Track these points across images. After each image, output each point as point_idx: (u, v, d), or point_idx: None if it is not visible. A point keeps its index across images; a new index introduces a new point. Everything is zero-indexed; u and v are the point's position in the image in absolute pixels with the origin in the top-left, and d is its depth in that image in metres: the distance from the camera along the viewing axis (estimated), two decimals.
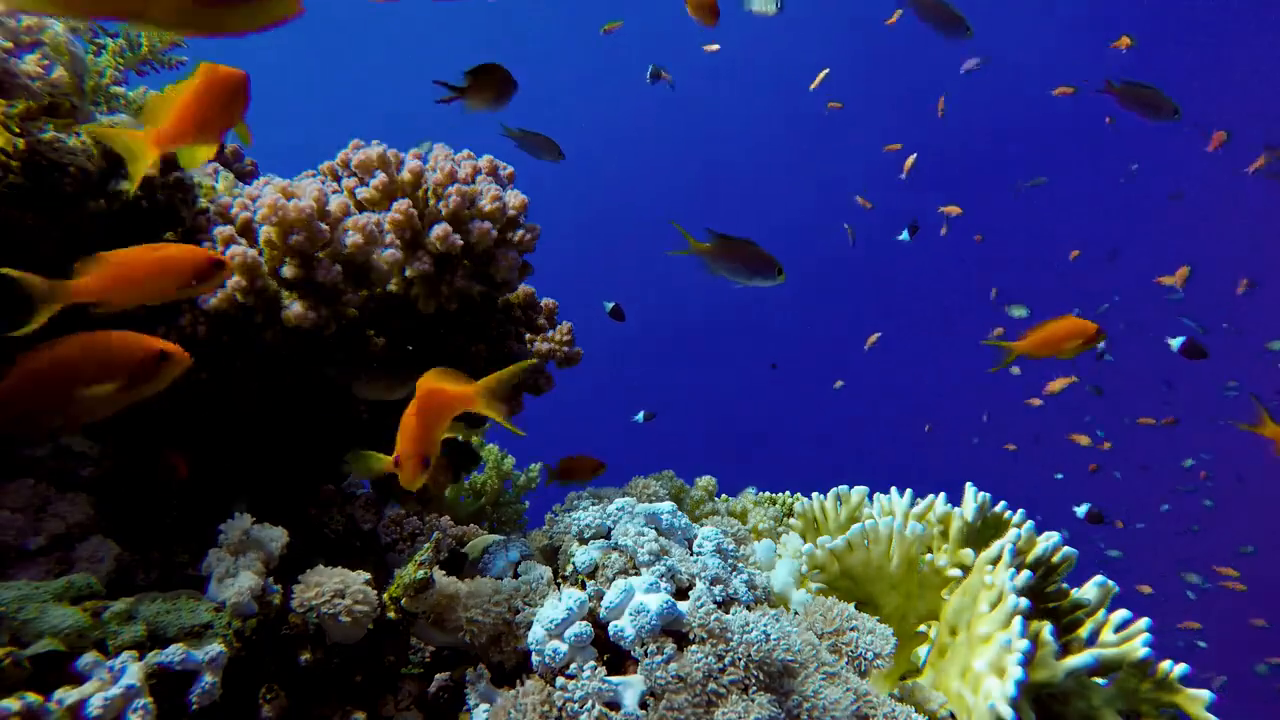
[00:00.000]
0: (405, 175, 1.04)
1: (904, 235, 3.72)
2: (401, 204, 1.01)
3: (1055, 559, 0.95)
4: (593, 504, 1.02)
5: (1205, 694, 0.88)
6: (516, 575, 0.94)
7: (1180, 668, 0.90)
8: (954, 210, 5.09)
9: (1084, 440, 5.21)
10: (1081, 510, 3.10)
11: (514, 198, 1.07)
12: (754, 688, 0.76)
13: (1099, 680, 0.90)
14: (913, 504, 1.05)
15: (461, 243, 1.02)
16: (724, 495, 1.38)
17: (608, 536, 0.96)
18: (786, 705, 0.76)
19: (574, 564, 0.92)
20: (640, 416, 3.88)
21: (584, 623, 0.82)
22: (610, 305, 3.14)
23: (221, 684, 0.73)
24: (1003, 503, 1.03)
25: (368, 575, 0.85)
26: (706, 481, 1.34)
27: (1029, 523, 0.97)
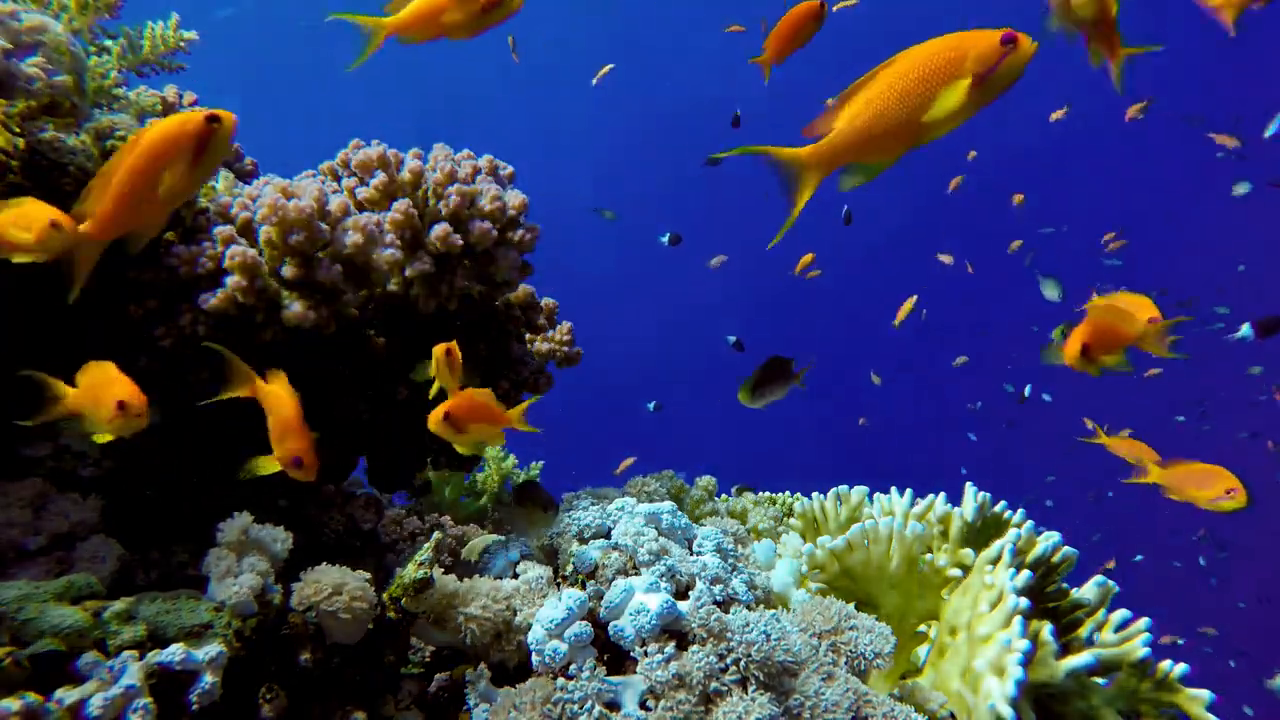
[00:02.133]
0: (405, 175, 1.04)
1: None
2: (401, 204, 1.01)
3: (1055, 559, 0.95)
4: (593, 504, 1.02)
5: (1205, 694, 0.88)
6: (516, 575, 0.94)
7: (1180, 668, 0.90)
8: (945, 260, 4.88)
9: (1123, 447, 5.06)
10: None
11: (514, 197, 1.07)
12: (754, 687, 0.76)
13: (1099, 680, 0.90)
14: (913, 504, 1.05)
15: (461, 242, 1.02)
16: (724, 495, 1.38)
17: (608, 536, 0.96)
18: (786, 705, 0.76)
19: (574, 564, 0.92)
20: (651, 406, 4.39)
21: (584, 623, 0.82)
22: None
23: (221, 684, 0.73)
24: (1003, 502, 1.03)
25: (368, 575, 0.85)
26: (706, 481, 1.34)
27: (1029, 522, 0.97)
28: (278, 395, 0.81)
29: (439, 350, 0.92)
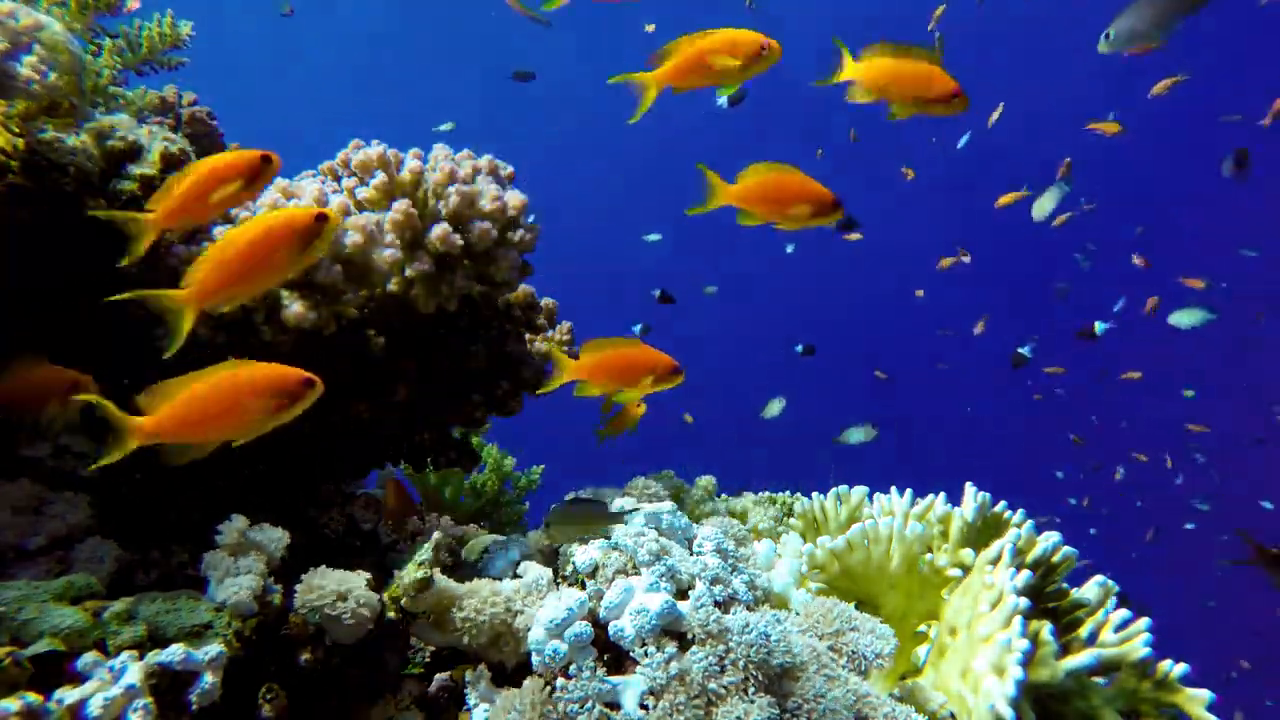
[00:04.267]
0: (405, 175, 1.04)
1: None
2: (401, 204, 1.01)
3: (1055, 559, 0.95)
4: None
5: (1205, 694, 0.88)
6: (517, 575, 0.94)
7: (1180, 667, 0.90)
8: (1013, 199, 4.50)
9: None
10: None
11: (514, 198, 1.07)
12: (754, 688, 0.76)
13: (1099, 680, 0.90)
14: (913, 504, 1.05)
15: (461, 243, 1.02)
16: (724, 495, 1.38)
17: (608, 536, 0.96)
18: (786, 706, 0.76)
19: (574, 564, 0.92)
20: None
21: (584, 623, 0.82)
22: (658, 293, 3.33)
23: (222, 684, 0.73)
24: (1003, 502, 1.03)
25: (368, 575, 0.85)
26: (706, 481, 1.34)
27: (1029, 522, 0.97)
28: (222, 369, 0.75)
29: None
